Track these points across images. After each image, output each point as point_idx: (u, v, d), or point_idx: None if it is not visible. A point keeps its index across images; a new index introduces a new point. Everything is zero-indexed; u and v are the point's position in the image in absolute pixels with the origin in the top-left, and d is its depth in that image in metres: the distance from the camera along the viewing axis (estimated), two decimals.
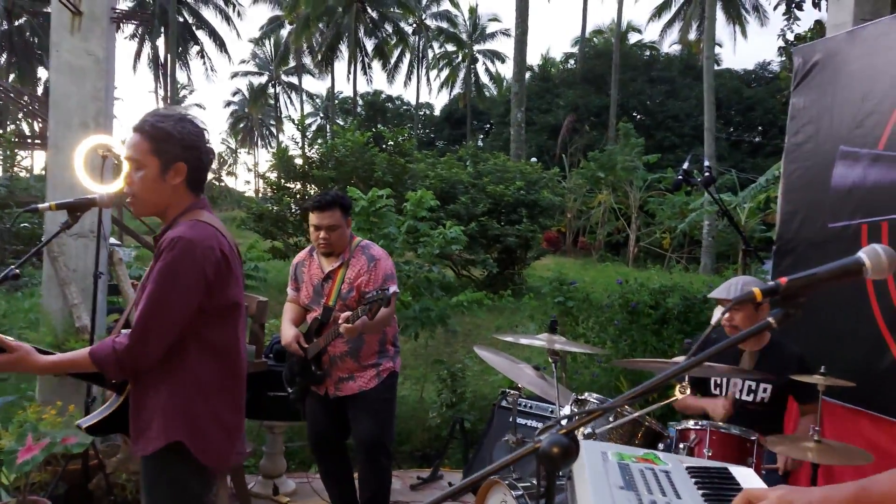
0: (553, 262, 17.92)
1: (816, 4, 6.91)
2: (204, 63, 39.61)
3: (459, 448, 5.23)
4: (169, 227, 2.10)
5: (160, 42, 38.19)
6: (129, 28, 37.26)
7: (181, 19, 37.20)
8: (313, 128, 44.68)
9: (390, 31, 41.17)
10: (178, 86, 49.44)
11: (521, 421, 3.97)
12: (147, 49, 39.15)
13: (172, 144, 2.05)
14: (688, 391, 2.50)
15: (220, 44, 38.78)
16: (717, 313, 1.24)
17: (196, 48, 39.03)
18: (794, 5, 6.88)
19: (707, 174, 3.41)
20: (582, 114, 30.82)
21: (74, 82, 4.25)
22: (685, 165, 3.53)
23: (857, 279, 1.19)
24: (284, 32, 43.35)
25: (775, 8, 7.30)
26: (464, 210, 12.13)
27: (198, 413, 2.06)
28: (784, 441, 2.72)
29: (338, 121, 39.40)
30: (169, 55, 35.37)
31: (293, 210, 12.29)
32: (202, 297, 2.00)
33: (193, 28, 38.62)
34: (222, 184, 39.69)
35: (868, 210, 3.23)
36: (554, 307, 6.62)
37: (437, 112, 49.67)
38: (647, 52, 38.08)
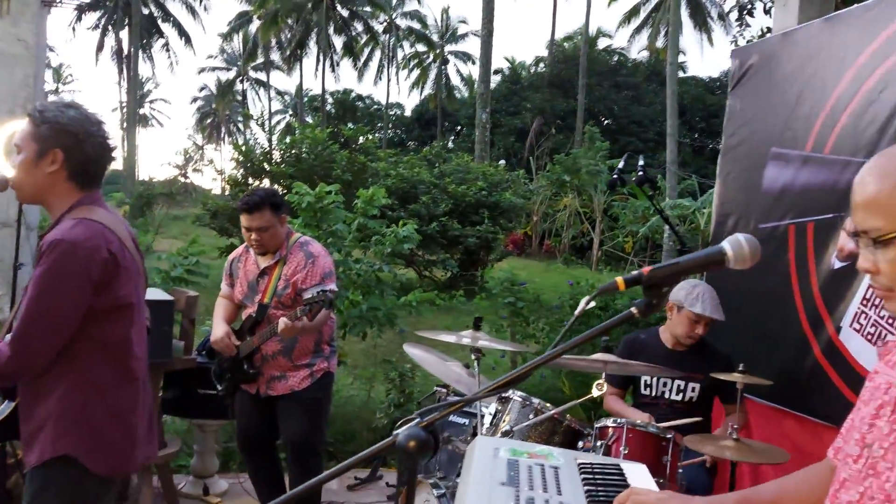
0: (517, 265, 17.97)
1: (767, 11, 7.00)
2: (169, 57, 39.00)
3: None
4: (55, 225, 2.00)
5: (124, 34, 37.52)
6: (91, 18, 36.59)
7: (146, 11, 36.59)
8: (281, 125, 44.32)
9: (360, 29, 41.01)
10: (143, 79, 48.62)
11: (454, 419, 3.92)
12: (111, 41, 38.47)
13: (50, 130, 1.97)
14: (605, 388, 2.50)
15: (186, 38, 38.26)
16: (582, 303, 1.21)
17: (161, 41, 38.46)
18: (745, 12, 6.96)
19: (641, 174, 3.42)
20: (549, 117, 31.02)
21: (4, 69, 4.10)
22: (620, 165, 3.53)
23: (721, 268, 1.17)
24: (253, 28, 42.89)
25: (727, 14, 7.38)
26: (424, 210, 12.09)
27: (92, 418, 1.97)
28: (704, 440, 2.72)
29: (307, 119, 39.12)
30: (132, 47, 34.73)
31: None
32: (90, 299, 1.92)
33: (158, 21, 38.03)
34: (188, 181, 39.09)
35: (797, 211, 3.26)
36: (504, 308, 6.61)
37: (407, 112, 49.63)
38: (616, 58, 38.48)
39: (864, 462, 1.18)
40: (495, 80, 39.77)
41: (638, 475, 1.65)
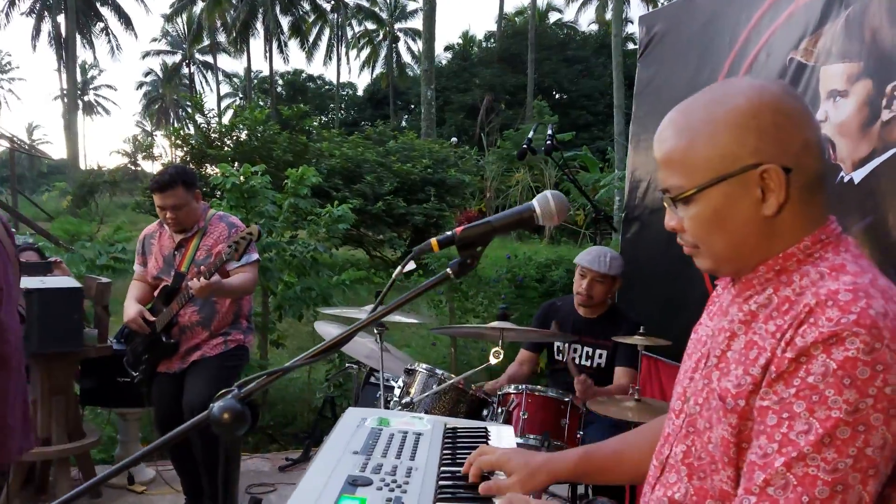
0: None
1: None
2: (109, 41, 37.72)
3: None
4: None
5: (62, 19, 36.17)
6: (26, 2, 35.18)
7: None
8: (231, 109, 43.31)
9: (308, 8, 40.24)
10: (87, 65, 47.04)
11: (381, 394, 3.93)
12: (48, 26, 37.06)
13: None
14: (501, 356, 2.51)
15: (126, 21, 37.03)
16: (400, 266, 1.21)
17: (100, 25, 37.17)
18: None
19: (549, 142, 3.43)
20: (499, 93, 31.00)
21: None
22: (531, 135, 3.54)
23: (530, 225, 1.17)
24: (197, 9, 41.76)
25: None
26: (369, 189, 12.00)
27: None
28: (606, 402, 2.77)
29: (259, 101, 38.35)
30: (67, 32, 33.46)
31: None
32: None
33: (97, 3, 36.72)
34: (137, 168, 38.08)
35: None
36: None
37: (360, 92, 49.07)
38: (565, 31, 38.55)
39: (684, 418, 1.19)
40: (446, 56, 39.59)
41: (502, 436, 1.67)
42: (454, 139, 25.76)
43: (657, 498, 1.20)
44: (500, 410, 2.60)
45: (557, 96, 32.71)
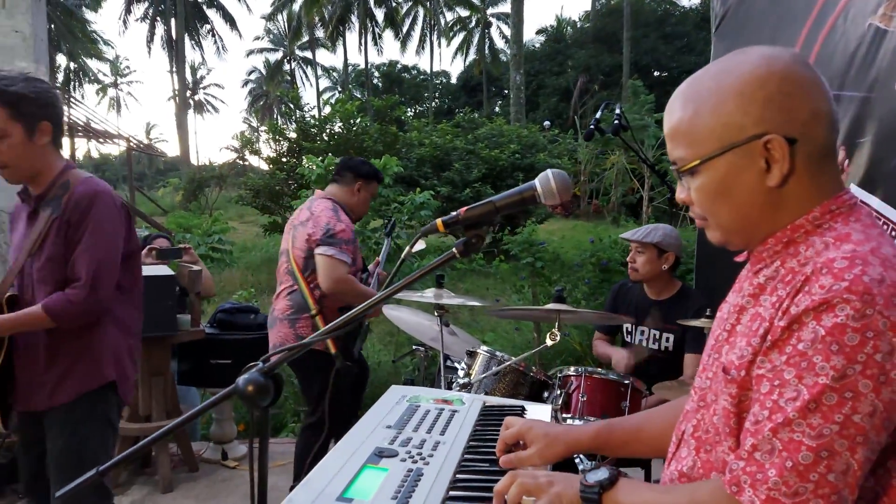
0: (564, 226, 17.79)
1: None
2: (215, 42, 39.73)
3: None
4: (48, 190, 2.16)
5: (173, 23, 38.39)
6: (139, 9, 37.52)
7: None
8: (327, 105, 44.55)
9: None
10: (196, 65, 49.67)
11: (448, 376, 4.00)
12: (160, 31, 39.41)
13: (30, 105, 2.07)
14: (557, 338, 2.53)
15: (231, 21, 38.83)
16: (409, 246, 1.26)
17: (207, 27, 39.16)
18: None
19: (616, 122, 3.36)
20: (594, 74, 30.30)
21: (3, 61, 4.27)
22: (598, 114, 3.48)
23: (533, 204, 1.19)
24: (296, 6, 43.16)
25: None
26: (458, 177, 12.09)
27: (121, 352, 2.25)
28: (672, 386, 2.72)
29: (355, 94, 39.29)
30: (177, 35, 35.51)
31: (290, 184, 12.36)
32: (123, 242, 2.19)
33: (203, 7, 38.69)
34: (246, 163, 39.95)
35: None
36: (523, 268, 6.62)
37: (453, 80, 49.28)
38: (664, 7, 37.13)
39: (699, 393, 1.19)
40: (538, 40, 39.07)
41: (538, 414, 1.69)
42: (547, 123, 25.42)
43: (670, 472, 1.21)
44: (559, 393, 2.61)
45: (656, 74, 31.62)
